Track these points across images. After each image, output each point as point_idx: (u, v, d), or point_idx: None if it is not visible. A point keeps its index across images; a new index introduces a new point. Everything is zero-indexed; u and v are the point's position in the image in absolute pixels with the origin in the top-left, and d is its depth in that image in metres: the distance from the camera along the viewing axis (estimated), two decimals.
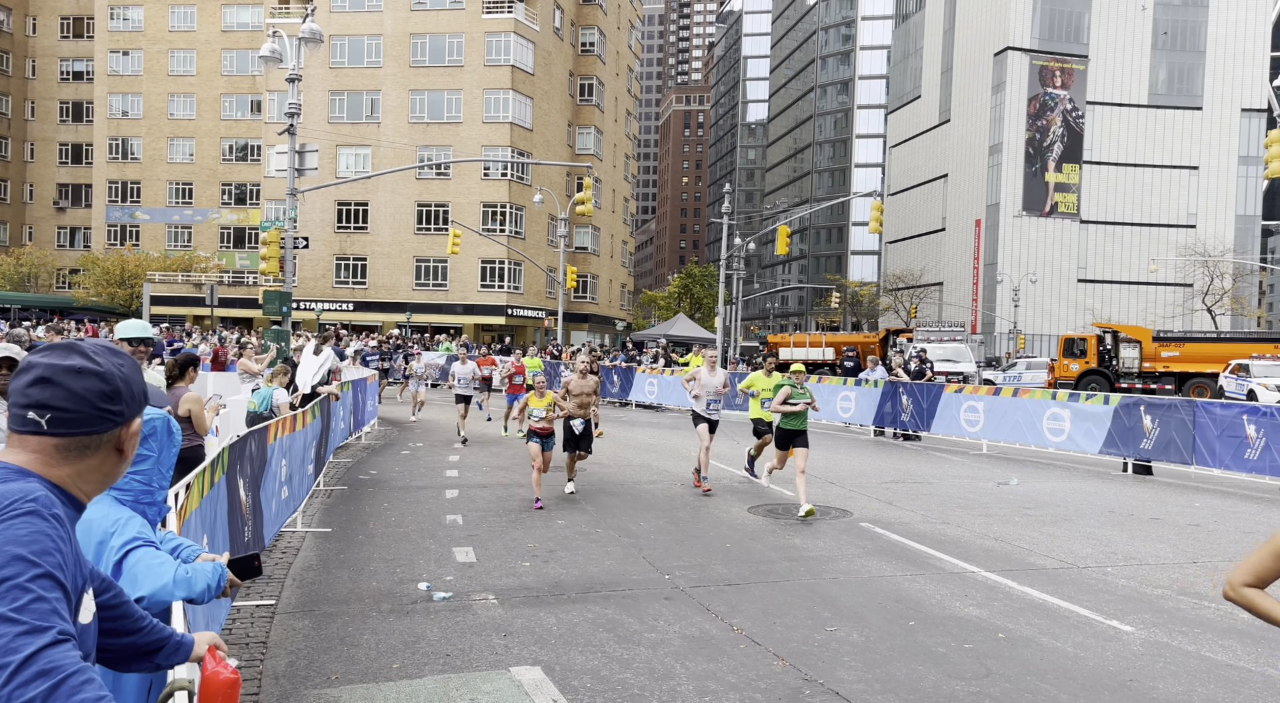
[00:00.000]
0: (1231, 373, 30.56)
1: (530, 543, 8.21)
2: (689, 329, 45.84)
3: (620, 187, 71.63)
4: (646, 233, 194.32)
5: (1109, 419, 14.83)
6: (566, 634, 5.62)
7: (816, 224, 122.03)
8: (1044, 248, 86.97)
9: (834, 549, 8.28)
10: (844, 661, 5.26)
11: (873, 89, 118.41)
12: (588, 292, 63.42)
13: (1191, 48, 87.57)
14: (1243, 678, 5.15)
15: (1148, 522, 10.09)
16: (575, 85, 63.05)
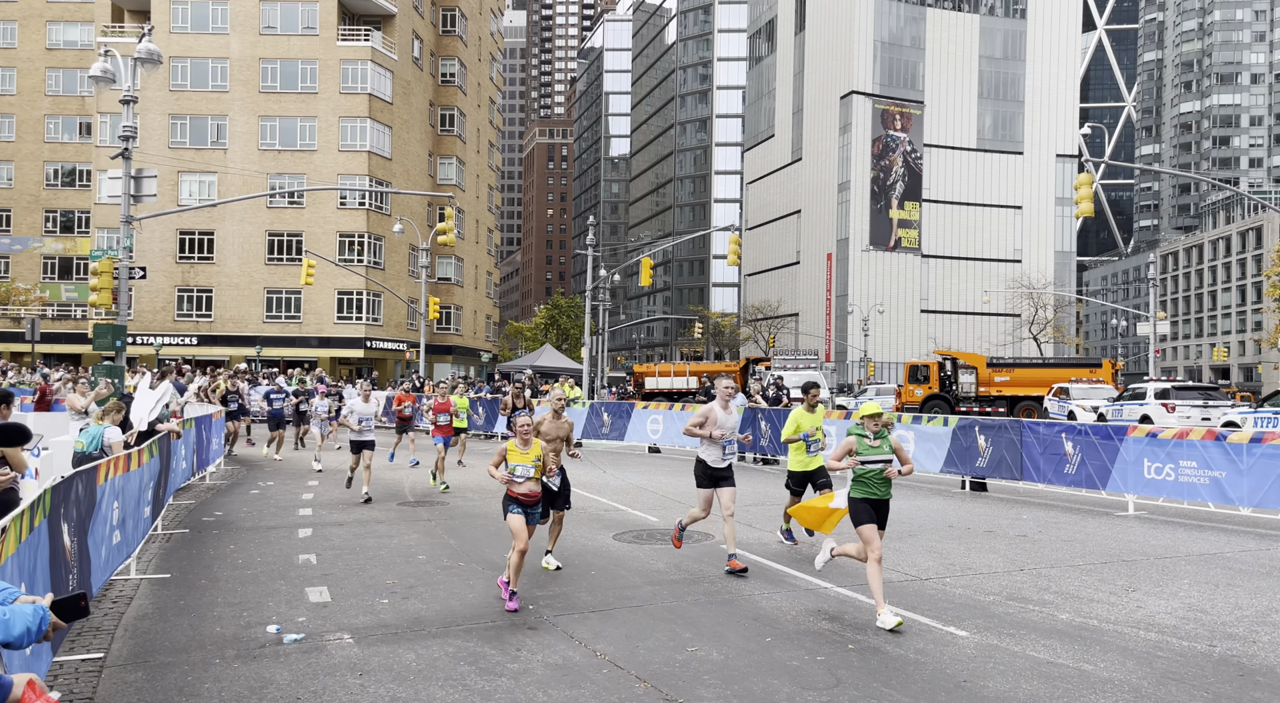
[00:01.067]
0: (1054, 396, 33.23)
1: (389, 580, 7.98)
2: (555, 360, 45.83)
3: (484, 217, 71.13)
4: (512, 264, 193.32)
5: (949, 440, 15.81)
6: (426, 670, 5.50)
7: (679, 257, 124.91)
8: (890, 280, 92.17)
9: (696, 572, 8.45)
10: (704, 679, 5.38)
11: (730, 127, 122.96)
12: (451, 323, 62.37)
13: (1012, 98, 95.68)
14: (1061, 674, 5.60)
15: (982, 535, 10.80)
16: (436, 115, 62.41)
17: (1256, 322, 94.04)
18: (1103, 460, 13.40)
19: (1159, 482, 12.68)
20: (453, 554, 9.19)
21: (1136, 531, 11.32)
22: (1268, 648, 6.17)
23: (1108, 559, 9.36)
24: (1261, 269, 79.20)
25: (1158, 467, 12.70)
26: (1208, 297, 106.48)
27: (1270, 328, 57.00)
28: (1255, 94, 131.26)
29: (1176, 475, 12.45)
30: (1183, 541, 10.56)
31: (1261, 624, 6.79)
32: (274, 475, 16.21)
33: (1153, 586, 8.11)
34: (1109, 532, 11.18)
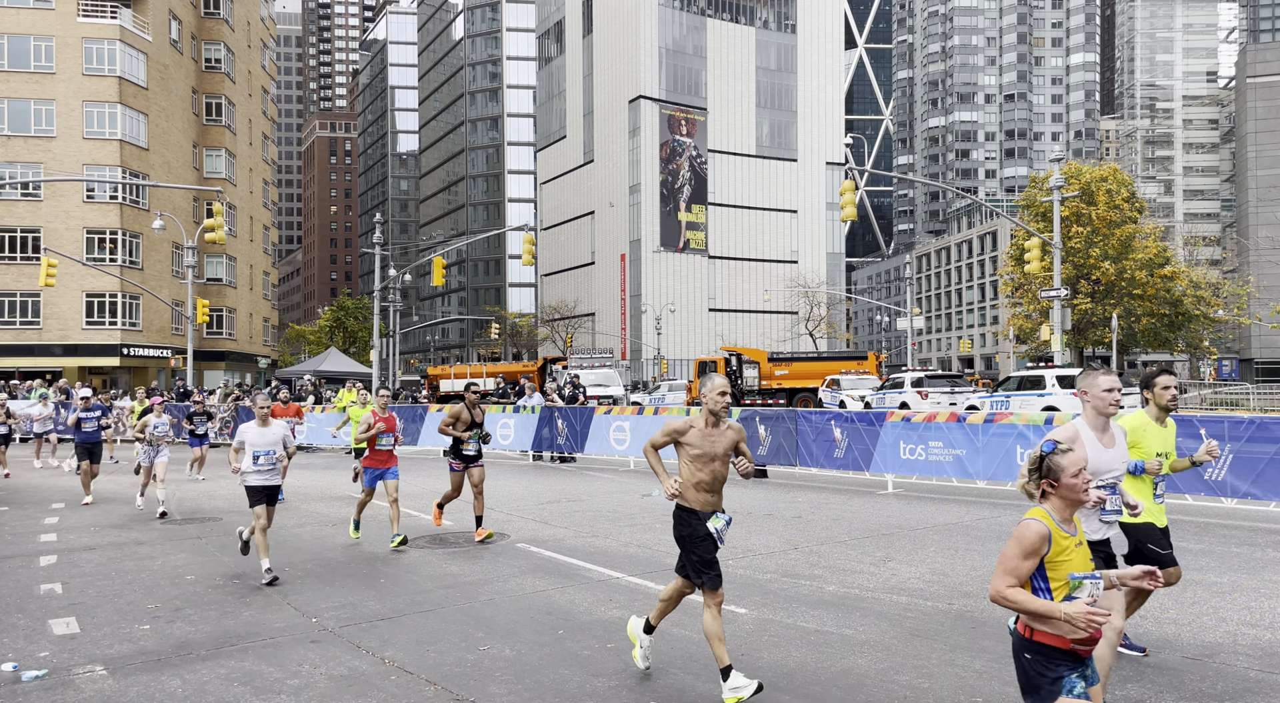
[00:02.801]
0: (827, 387, 35.86)
1: (150, 604, 7.34)
2: (342, 364, 43.67)
3: (259, 214, 66.59)
4: (293, 264, 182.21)
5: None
6: (194, 695, 5.13)
7: (474, 257, 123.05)
8: (680, 281, 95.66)
9: (490, 572, 8.42)
10: (496, 676, 5.39)
11: (521, 127, 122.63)
12: (224, 327, 57.91)
13: (786, 107, 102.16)
14: (826, 640, 6.10)
15: (762, 518, 11.52)
16: (201, 103, 57.69)
17: (994, 316, 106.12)
18: (866, 444, 14.67)
19: (913, 461, 14.05)
20: (227, 573, 8.58)
21: (894, 507, 12.49)
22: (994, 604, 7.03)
23: (869, 534, 10.28)
24: (997, 269, 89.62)
25: (911, 448, 14.08)
26: (955, 294, 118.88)
27: (1004, 322, 64.62)
28: (989, 112, 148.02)
29: (927, 455, 13.85)
30: (931, 513, 11.78)
31: (988, 581, 7.72)
32: (8, 500, 14.39)
33: (905, 555, 9.00)
34: (871, 509, 12.27)
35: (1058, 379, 24.89)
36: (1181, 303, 47.71)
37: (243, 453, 8.46)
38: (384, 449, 10.16)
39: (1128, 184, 49.24)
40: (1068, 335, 38.70)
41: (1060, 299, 28.73)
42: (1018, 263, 48.09)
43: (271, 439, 8.54)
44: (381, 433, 10.14)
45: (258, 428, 8.55)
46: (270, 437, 8.54)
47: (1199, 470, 10.84)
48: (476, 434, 10.19)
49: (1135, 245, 47.27)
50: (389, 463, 10.17)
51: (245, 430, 8.55)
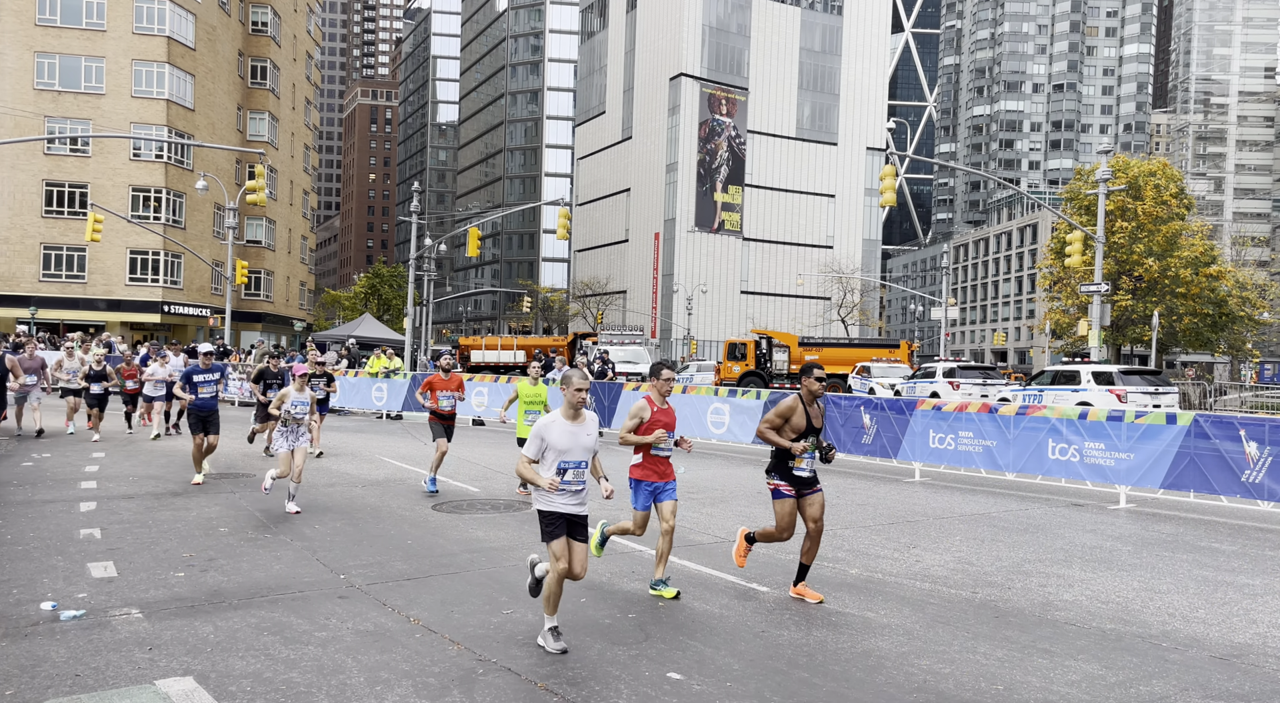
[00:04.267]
0: (857, 374, 35.64)
1: (186, 553, 7.52)
2: (376, 330, 44.13)
3: (299, 178, 67.20)
4: (330, 229, 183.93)
5: (760, 412, 16.66)
6: (225, 641, 5.26)
7: (509, 229, 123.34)
8: (713, 261, 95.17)
9: (515, 539, 8.51)
10: (518, 639, 5.47)
11: (561, 101, 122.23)
12: (261, 289, 58.72)
13: (829, 91, 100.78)
14: (847, 622, 6.11)
15: None
16: (246, 66, 58.16)
17: (1030, 310, 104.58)
18: (895, 432, 14.57)
19: (941, 450, 13.94)
20: (259, 526, 8.77)
21: (920, 495, 12.42)
22: (1020, 593, 6.99)
23: (894, 520, 10.24)
24: (1036, 262, 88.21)
25: (940, 437, 13.96)
26: (991, 286, 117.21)
27: (1040, 316, 63.67)
28: (1036, 102, 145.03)
29: (956, 445, 13.74)
30: (958, 503, 11.70)
31: (1016, 573, 7.68)
32: (51, 447, 14.78)
33: (930, 542, 8.96)
34: (898, 496, 12.21)
35: (1093, 375, 24.51)
36: (1226, 303, 46.67)
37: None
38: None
39: (1177, 179, 48.10)
40: (1106, 332, 38.04)
41: (1100, 294, 28.22)
42: (1058, 256, 47.27)
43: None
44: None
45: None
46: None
47: (1235, 472, 10.66)
48: (814, 445, 6.59)
49: (1181, 243, 46.23)
50: None
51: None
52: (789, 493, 6.67)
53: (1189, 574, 7.80)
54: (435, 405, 11.46)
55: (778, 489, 6.73)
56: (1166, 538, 9.53)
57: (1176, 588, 7.29)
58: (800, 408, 6.67)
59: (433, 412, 11.55)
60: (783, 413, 6.69)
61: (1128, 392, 23.40)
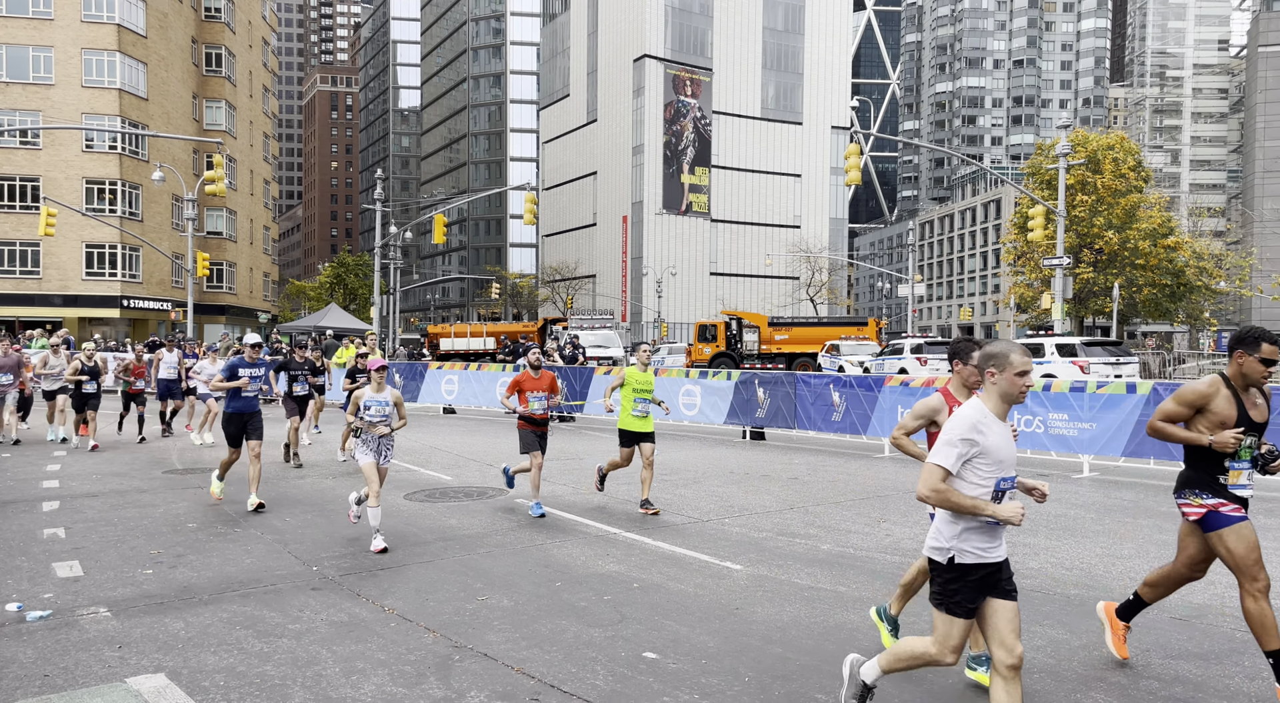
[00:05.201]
0: (826, 352, 35.91)
1: (154, 550, 7.43)
2: (342, 320, 43.64)
3: (259, 167, 66.07)
4: (293, 219, 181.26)
5: (731, 393, 16.75)
6: (197, 637, 5.21)
7: (475, 215, 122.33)
8: (682, 244, 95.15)
9: (489, 526, 8.51)
10: (494, 625, 5.48)
11: (524, 84, 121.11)
12: (224, 281, 57.80)
13: (792, 70, 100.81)
14: (820, 596, 6.19)
15: (759, 479, 11.61)
16: (200, 53, 56.93)
17: (996, 285, 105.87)
18: (864, 408, 14.73)
19: None
20: (228, 521, 8.68)
21: (890, 469, 12.58)
22: None
23: (865, 496, 10.37)
24: (1000, 237, 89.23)
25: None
26: (957, 262, 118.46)
27: (1005, 290, 64.52)
28: (997, 78, 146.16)
29: None
30: None
31: None
32: (9, 447, 14.48)
33: (900, 516, 9.09)
34: (868, 472, 12.36)
35: (1057, 348, 24.91)
36: (1183, 274, 47.58)
37: None
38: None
39: (1134, 153, 48.81)
40: (1069, 304, 38.65)
41: (1063, 268, 28.64)
42: (1021, 231, 47.85)
43: None
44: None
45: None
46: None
47: None
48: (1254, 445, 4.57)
49: (1139, 215, 46.99)
50: None
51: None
52: (1238, 514, 4.37)
53: (1150, 539, 8.00)
54: (526, 409, 9.37)
55: (1215, 512, 4.38)
56: (1128, 505, 9.75)
57: (1138, 552, 7.47)
58: (1225, 393, 4.39)
59: (521, 417, 9.48)
60: (1193, 400, 4.44)
61: (1090, 363, 23.82)
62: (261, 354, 10.00)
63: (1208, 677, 4.64)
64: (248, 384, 9.50)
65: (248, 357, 9.74)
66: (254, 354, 9.76)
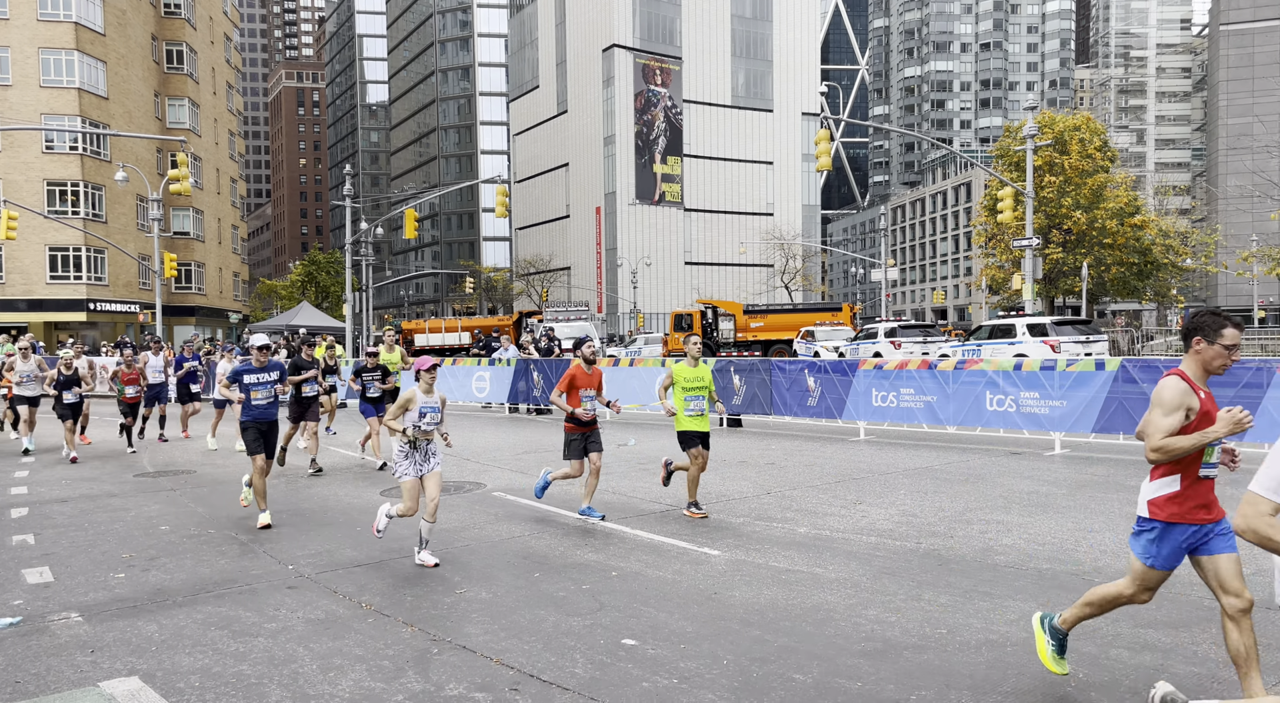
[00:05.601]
0: (802, 338, 36.08)
1: (125, 554, 7.34)
2: (315, 318, 43.24)
3: (226, 166, 65.19)
4: (262, 218, 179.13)
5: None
6: (171, 639, 5.16)
7: (447, 210, 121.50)
8: (656, 234, 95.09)
9: (466, 520, 8.49)
10: (472, 618, 5.47)
11: (493, 77, 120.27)
12: (193, 282, 57.06)
13: (761, 57, 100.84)
14: (797, 579, 6.24)
15: (736, 465, 11.66)
16: (161, 51, 55.99)
17: (968, 267, 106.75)
18: (839, 393, 14.82)
19: (884, 408, 14.23)
20: (201, 523, 8.59)
21: (865, 452, 12.68)
22: (962, 541, 7.21)
23: (841, 478, 10.45)
24: (970, 220, 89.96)
25: (883, 395, 14.24)
26: (929, 245, 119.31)
27: (977, 272, 65.12)
28: (964, 62, 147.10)
29: (898, 402, 14.03)
30: (902, 458, 11.98)
31: (958, 522, 7.91)
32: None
33: (876, 498, 9.17)
34: (843, 455, 12.45)
35: (1028, 328, 25.18)
36: (1150, 252, 48.22)
37: None
38: None
39: (1100, 133, 49.34)
40: (1039, 285, 39.08)
41: (1032, 248, 28.93)
42: (991, 213, 48.25)
43: None
44: None
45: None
46: None
47: None
48: None
49: (1106, 195, 47.54)
50: None
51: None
52: None
53: (1119, 512, 8.13)
54: (578, 408, 8.28)
55: None
56: (1098, 480, 9.90)
57: (1108, 526, 7.58)
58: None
59: (570, 417, 8.39)
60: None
61: (1061, 342, 24.11)
62: (271, 357, 8.74)
63: (1176, 644, 4.73)
64: (240, 399, 8.44)
65: (255, 361, 8.55)
66: (262, 358, 8.52)
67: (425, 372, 6.89)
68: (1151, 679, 4.25)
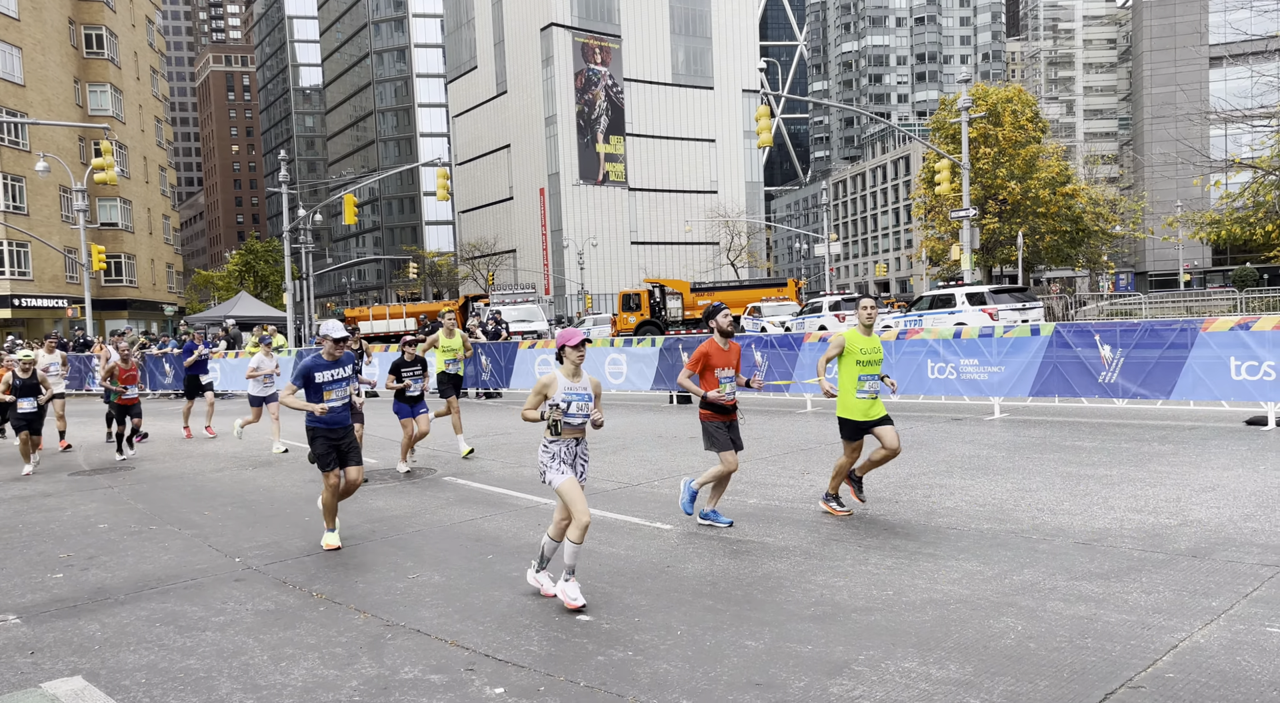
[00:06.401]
0: (749, 314, 36.39)
1: (63, 553, 7.15)
2: (254, 308, 42.28)
3: (153, 154, 63.06)
4: (195, 207, 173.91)
5: (656, 360, 16.86)
6: (114, 637, 5.06)
7: (387, 194, 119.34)
8: (601, 214, 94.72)
9: (417, 505, 8.43)
10: (426, 601, 5.45)
11: (430, 57, 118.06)
12: (124, 274, 55.25)
13: (701, 34, 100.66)
14: (748, 549, 6.34)
15: (686, 441, 11.75)
16: (79, 35, 53.77)
17: (908, 240, 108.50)
18: (786, 367, 15.01)
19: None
20: (142, 519, 8.39)
21: (813, 424, 12.89)
22: (906, 506, 7.39)
23: (789, 450, 10.61)
24: (910, 193, 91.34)
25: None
26: (871, 219, 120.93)
27: (918, 244, 66.26)
28: (900, 36, 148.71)
29: None
30: None
31: (902, 487, 8.10)
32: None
33: (823, 468, 9.33)
34: (791, 427, 12.64)
35: (967, 297, 25.75)
36: (1081, 220, 49.54)
37: None
38: None
39: (1031, 104, 50.39)
40: (977, 255, 39.93)
41: (969, 219, 29.53)
42: (929, 185, 49.04)
43: None
44: None
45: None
46: None
47: (1093, 375, 11.46)
48: None
49: (1039, 165, 48.65)
50: None
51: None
52: None
53: (1055, 472, 8.41)
54: (717, 394, 6.96)
55: None
56: (1036, 442, 10.21)
57: (1045, 486, 7.84)
58: None
59: (706, 403, 7.07)
60: None
61: (998, 310, 24.71)
62: (346, 350, 7.13)
63: (1109, 594, 4.93)
64: (322, 409, 6.77)
65: (326, 354, 6.87)
66: (336, 350, 6.86)
67: (572, 349, 5.30)
68: (1086, 630, 4.43)
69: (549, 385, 5.27)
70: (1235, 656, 4.03)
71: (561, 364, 5.35)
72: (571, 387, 5.27)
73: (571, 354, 5.32)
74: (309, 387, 6.83)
